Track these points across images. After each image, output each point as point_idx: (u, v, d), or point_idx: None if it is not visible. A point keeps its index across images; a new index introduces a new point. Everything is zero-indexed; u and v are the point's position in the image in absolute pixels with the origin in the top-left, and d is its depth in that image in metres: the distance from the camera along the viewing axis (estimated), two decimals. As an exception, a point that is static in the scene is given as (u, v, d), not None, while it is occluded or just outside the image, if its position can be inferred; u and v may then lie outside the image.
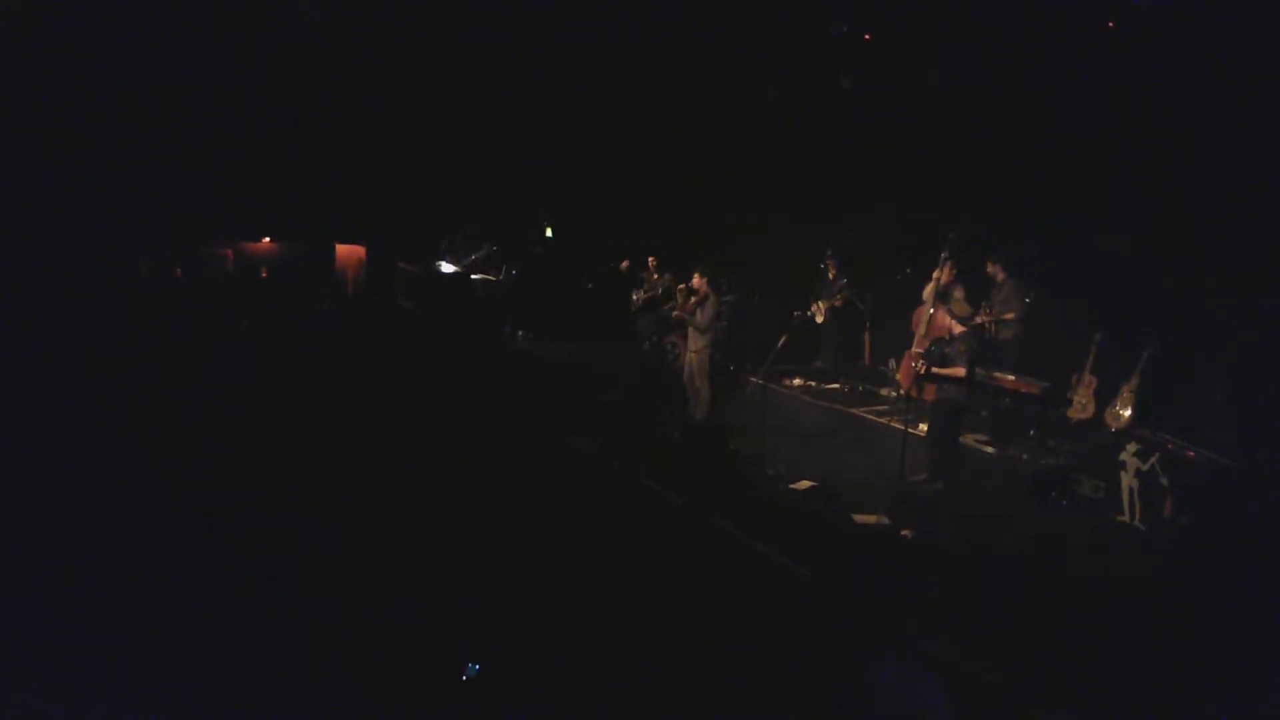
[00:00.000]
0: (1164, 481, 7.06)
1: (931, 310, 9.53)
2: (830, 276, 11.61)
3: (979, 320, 9.57)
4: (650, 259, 13.65)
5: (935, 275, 9.93)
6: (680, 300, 10.86)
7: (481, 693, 4.64)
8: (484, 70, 15.87)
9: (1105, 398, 8.31)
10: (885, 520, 7.30)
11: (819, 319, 11.57)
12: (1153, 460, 7.17)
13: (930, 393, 8.29)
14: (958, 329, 8.16)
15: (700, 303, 9.98)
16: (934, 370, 8.12)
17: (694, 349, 10.12)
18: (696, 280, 10.13)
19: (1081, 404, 8.52)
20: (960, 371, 7.96)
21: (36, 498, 6.66)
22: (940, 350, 8.15)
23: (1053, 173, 9.49)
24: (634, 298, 13.76)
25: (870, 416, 9.87)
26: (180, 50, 15.45)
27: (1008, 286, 9.62)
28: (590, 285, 14.85)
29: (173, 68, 15.44)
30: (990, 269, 9.74)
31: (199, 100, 15.71)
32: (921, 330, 8.66)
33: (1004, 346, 9.55)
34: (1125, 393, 8.05)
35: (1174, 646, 5.30)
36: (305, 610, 5.32)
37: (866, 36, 12.28)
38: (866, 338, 11.04)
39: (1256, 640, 5.31)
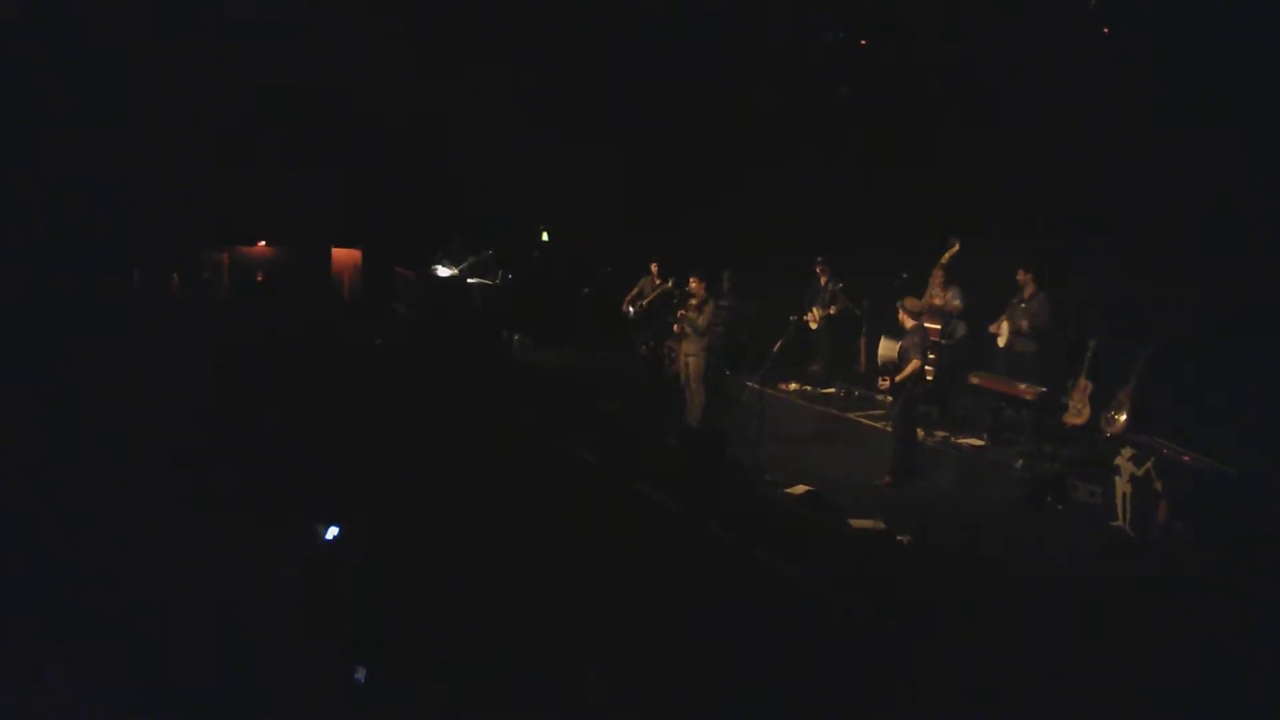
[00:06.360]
0: (1158, 486, 7.05)
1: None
2: (822, 283, 11.58)
3: (1001, 342, 9.36)
4: (653, 265, 13.60)
5: (932, 281, 9.94)
6: (679, 303, 10.86)
7: (483, 696, 4.63)
8: (482, 73, 15.89)
9: (1101, 402, 8.28)
10: (881, 525, 7.30)
11: (813, 325, 11.55)
12: (1148, 465, 7.16)
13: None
14: (909, 323, 8.48)
15: (699, 306, 9.99)
16: (896, 380, 8.45)
17: (690, 353, 10.13)
18: (694, 284, 10.14)
19: (1077, 409, 8.48)
20: (915, 364, 8.31)
21: (37, 501, 6.66)
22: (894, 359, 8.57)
23: (1049, 175, 9.49)
24: (630, 304, 13.66)
25: (866, 421, 9.87)
26: (178, 51, 15.46)
27: (1038, 299, 9.05)
28: (587, 290, 14.82)
29: (170, 69, 15.44)
30: (1020, 277, 9.18)
31: (197, 101, 15.71)
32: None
33: (1021, 360, 9.11)
34: (1121, 397, 8.03)
35: (1170, 650, 5.30)
36: (304, 612, 5.31)
37: (863, 42, 12.32)
38: (862, 343, 11.01)
39: (1251, 645, 5.31)
